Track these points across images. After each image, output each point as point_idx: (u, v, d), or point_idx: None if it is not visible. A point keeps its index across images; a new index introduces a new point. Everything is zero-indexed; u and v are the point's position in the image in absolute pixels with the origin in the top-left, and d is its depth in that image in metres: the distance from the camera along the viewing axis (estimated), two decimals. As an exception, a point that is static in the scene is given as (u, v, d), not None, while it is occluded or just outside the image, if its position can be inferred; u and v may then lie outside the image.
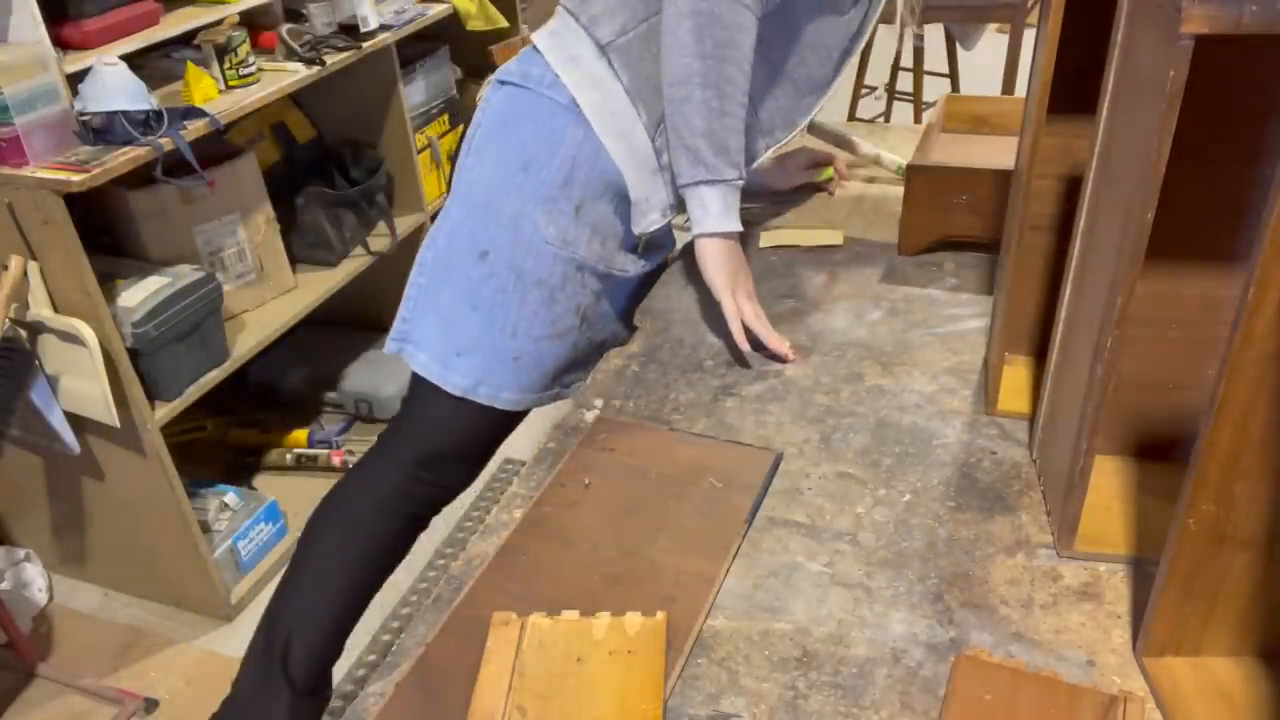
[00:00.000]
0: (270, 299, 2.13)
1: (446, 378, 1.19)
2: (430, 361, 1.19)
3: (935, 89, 3.69)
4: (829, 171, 1.49)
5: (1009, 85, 3.16)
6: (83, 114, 1.56)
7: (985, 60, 3.83)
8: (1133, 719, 0.69)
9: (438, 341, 1.19)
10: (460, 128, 3.08)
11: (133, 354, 1.67)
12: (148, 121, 1.58)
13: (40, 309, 1.60)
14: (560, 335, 1.20)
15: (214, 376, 1.88)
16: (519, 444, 1.37)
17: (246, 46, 1.92)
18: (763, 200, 1.49)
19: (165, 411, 1.73)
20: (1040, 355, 1.04)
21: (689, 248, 1.19)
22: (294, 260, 2.22)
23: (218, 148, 1.98)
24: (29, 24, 1.55)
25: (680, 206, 1.18)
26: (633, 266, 1.25)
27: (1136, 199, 0.67)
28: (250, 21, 2.03)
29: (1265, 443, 0.63)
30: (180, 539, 1.85)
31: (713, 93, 1.04)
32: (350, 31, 2.50)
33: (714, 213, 1.10)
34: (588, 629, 0.79)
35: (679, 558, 0.86)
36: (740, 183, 1.10)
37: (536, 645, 0.78)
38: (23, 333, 1.61)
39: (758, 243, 1.40)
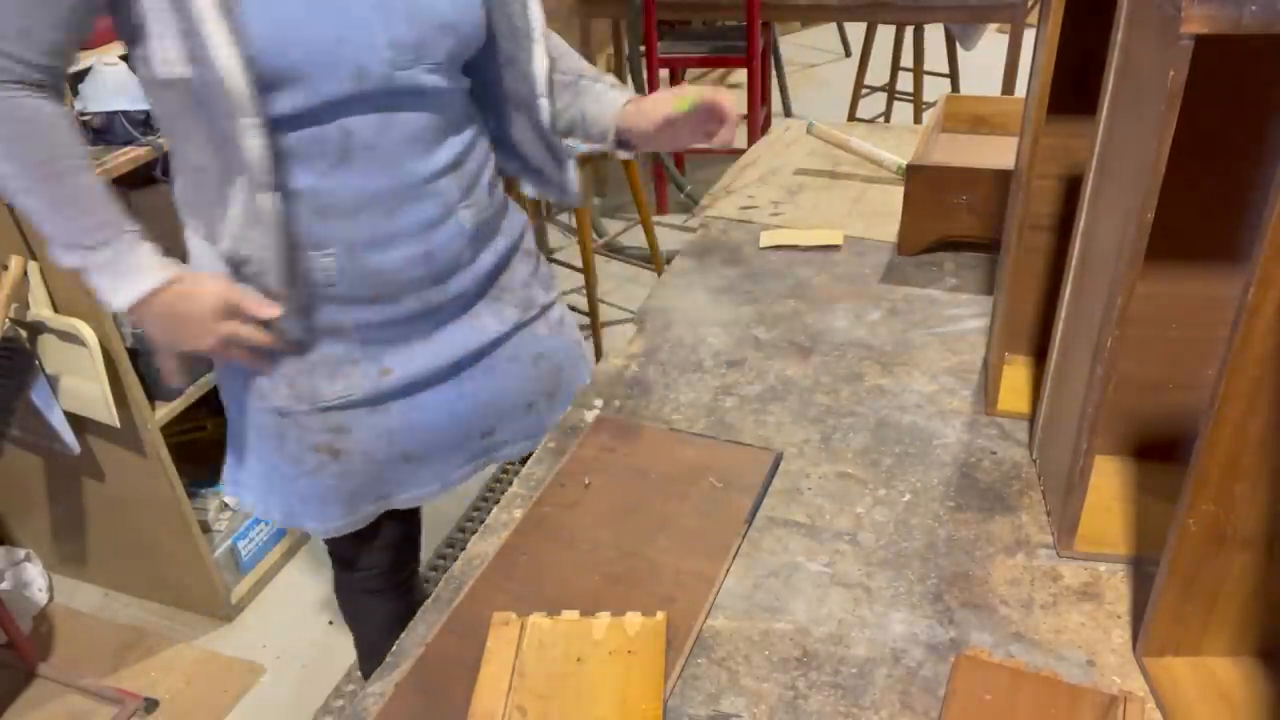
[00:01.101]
0: (270, 299, 2.12)
1: (268, 512, 1.14)
2: (254, 500, 1.15)
3: (935, 89, 3.70)
4: (685, 102, 1.01)
5: (1009, 85, 3.16)
6: (83, 114, 1.56)
7: (985, 60, 3.83)
8: (1133, 719, 0.69)
9: (250, 480, 1.14)
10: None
11: (133, 354, 1.66)
12: (148, 121, 1.58)
13: (40, 309, 1.60)
14: (313, 472, 1.07)
15: (214, 376, 1.87)
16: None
17: (246, 46, 1.91)
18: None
19: (165, 411, 1.73)
20: (1040, 355, 1.04)
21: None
22: (294, 260, 2.21)
23: (218, 148, 1.97)
24: (29, 24, 1.55)
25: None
26: (360, 385, 1.04)
27: (1136, 199, 0.67)
28: (250, 21, 2.03)
29: (1265, 443, 0.63)
30: (180, 539, 1.85)
31: (22, 181, 0.90)
32: (350, 31, 2.49)
33: (106, 290, 0.94)
34: (588, 629, 0.79)
35: (679, 558, 0.86)
36: (112, 246, 0.93)
37: (536, 645, 0.78)
38: (23, 333, 1.61)
39: (758, 243, 1.40)
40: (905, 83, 3.88)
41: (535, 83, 1.05)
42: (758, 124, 3.36)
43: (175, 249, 1.04)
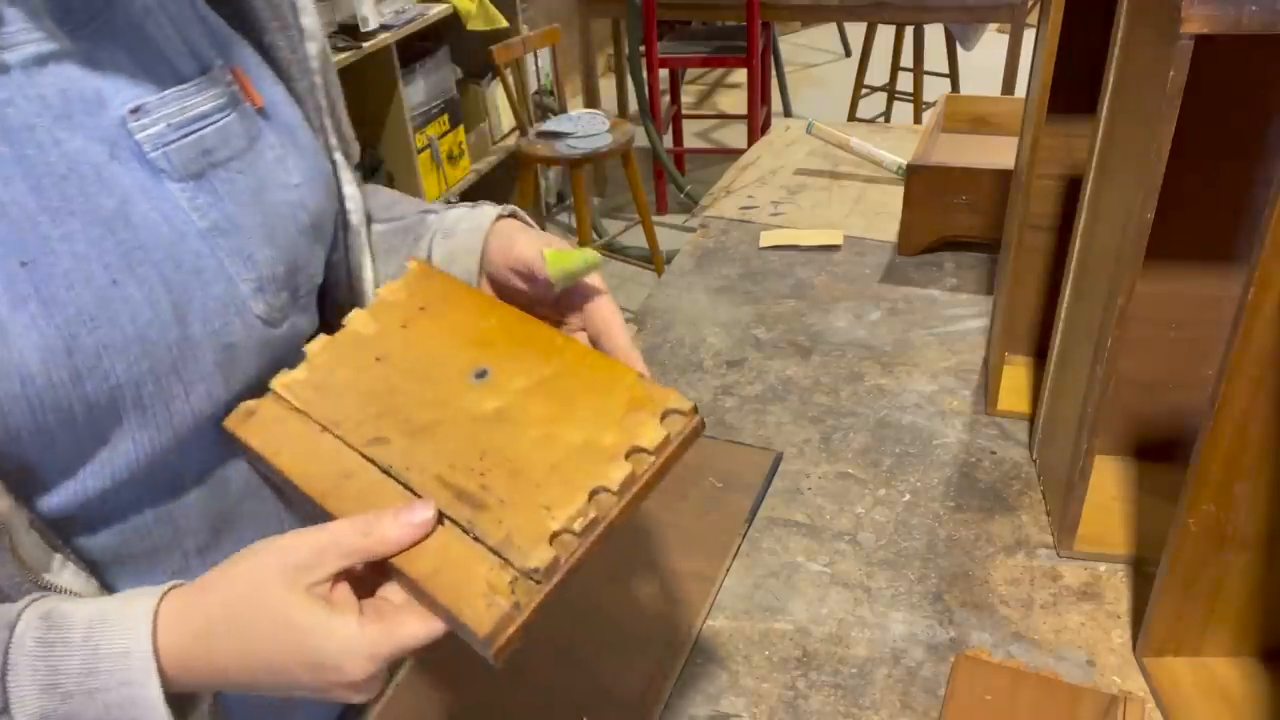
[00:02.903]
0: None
1: None
2: None
3: (935, 89, 3.70)
4: (556, 268, 0.62)
5: (1009, 85, 3.16)
6: None
7: (985, 60, 3.83)
8: (1133, 719, 0.69)
9: None
10: (460, 128, 3.08)
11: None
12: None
13: None
14: None
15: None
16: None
17: (246, 46, 1.91)
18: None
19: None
20: (1040, 355, 1.04)
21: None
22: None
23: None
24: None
25: None
26: None
27: (1136, 199, 0.67)
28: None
29: (1265, 443, 0.63)
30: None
31: None
32: (350, 31, 2.50)
33: None
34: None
35: (679, 558, 0.86)
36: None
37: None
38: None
39: (758, 243, 1.40)
40: (905, 83, 3.88)
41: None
42: (758, 124, 3.36)
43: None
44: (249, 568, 0.48)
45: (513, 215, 0.71)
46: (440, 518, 0.49)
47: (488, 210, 0.70)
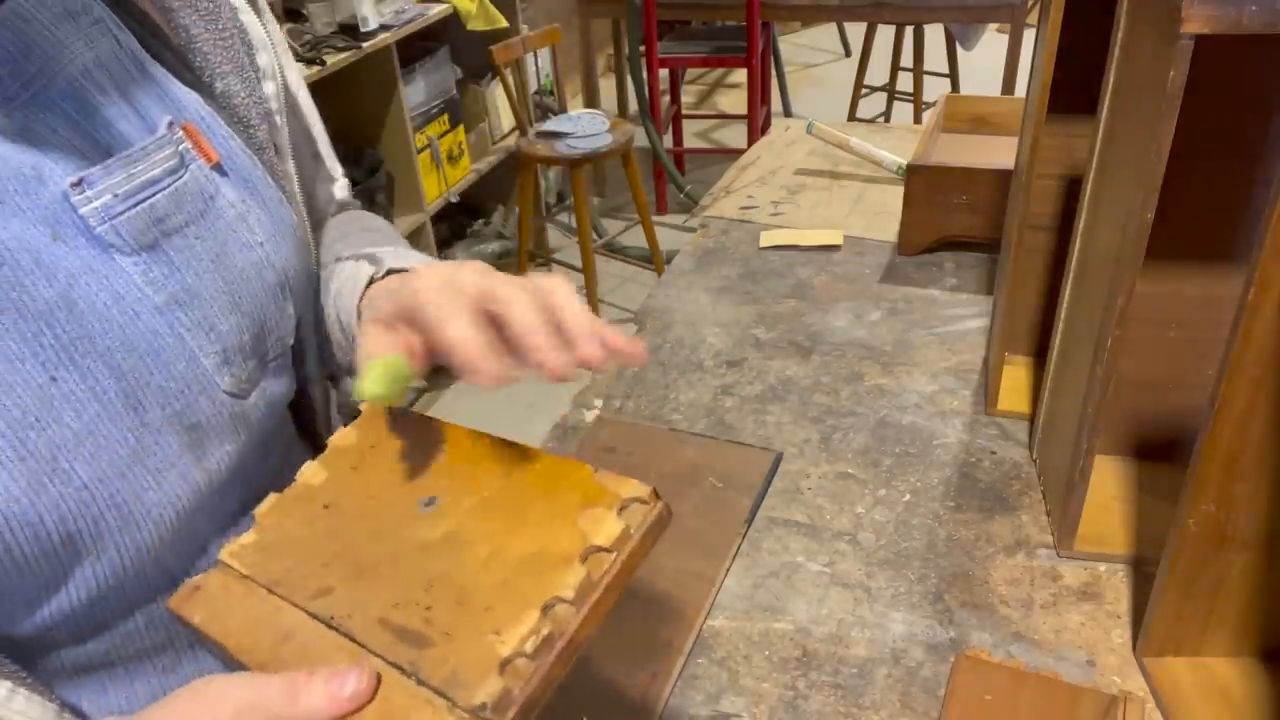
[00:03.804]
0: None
1: None
2: None
3: (935, 89, 3.70)
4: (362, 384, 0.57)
5: (1009, 85, 3.16)
6: None
7: (985, 60, 3.84)
8: (1133, 719, 0.69)
9: None
10: (460, 128, 3.08)
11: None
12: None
13: None
14: None
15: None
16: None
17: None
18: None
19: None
20: (1040, 355, 1.04)
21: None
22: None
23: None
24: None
25: None
26: None
27: (1136, 199, 0.67)
28: (250, 21, 2.03)
29: (1265, 443, 0.63)
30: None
31: None
32: (350, 31, 2.50)
33: None
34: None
35: (679, 558, 0.86)
36: None
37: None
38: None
39: (758, 243, 1.40)
40: (905, 83, 3.88)
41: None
42: (758, 124, 3.36)
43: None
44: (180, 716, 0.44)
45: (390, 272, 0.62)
46: (379, 669, 0.44)
47: (363, 274, 0.64)
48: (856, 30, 5.10)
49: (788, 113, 4.44)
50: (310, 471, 0.57)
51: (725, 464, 0.97)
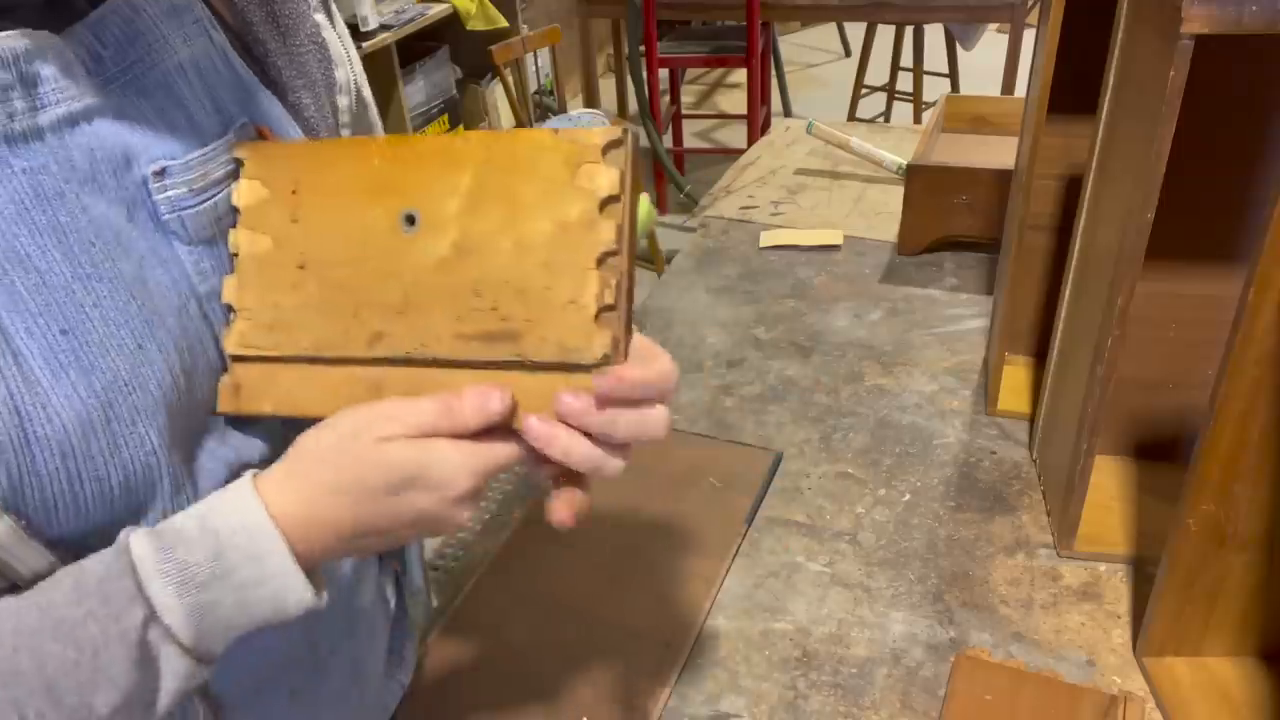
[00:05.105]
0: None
1: None
2: None
3: (935, 89, 3.70)
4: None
5: (1009, 85, 3.16)
6: None
7: (985, 60, 3.83)
8: (1133, 719, 0.69)
9: None
10: (460, 128, 3.08)
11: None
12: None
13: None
14: None
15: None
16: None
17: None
18: None
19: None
20: (1040, 355, 1.04)
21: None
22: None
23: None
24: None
25: None
26: None
27: (1136, 199, 0.67)
28: (250, 21, 2.03)
29: (1265, 443, 0.63)
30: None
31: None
32: (350, 31, 2.49)
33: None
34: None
35: (679, 558, 0.86)
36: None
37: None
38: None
39: (758, 243, 1.40)
40: (905, 83, 3.88)
41: None
42: (757, 124, 3.36)
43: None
44: (331, 432, 0.49)
45: None
46: (493, 375, 0.48)
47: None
48: (856, 30, 5.10)
49: (788, 113, 4.44)
50: (245, 241, 0.55)
51: (725, 464, 0.97)
